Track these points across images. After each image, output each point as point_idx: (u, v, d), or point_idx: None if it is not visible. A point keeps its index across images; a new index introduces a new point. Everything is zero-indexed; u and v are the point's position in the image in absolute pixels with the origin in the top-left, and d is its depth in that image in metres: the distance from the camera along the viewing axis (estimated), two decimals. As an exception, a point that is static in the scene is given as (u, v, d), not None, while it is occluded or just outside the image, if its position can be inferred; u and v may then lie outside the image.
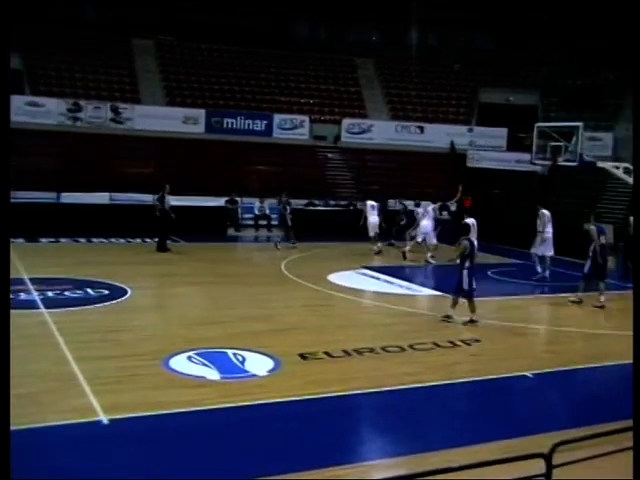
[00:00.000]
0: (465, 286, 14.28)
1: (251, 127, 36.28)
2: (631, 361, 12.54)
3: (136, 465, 7.38)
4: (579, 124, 23.80)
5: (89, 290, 15.73)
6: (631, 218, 22.75)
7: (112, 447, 7.78)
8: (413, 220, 24.25)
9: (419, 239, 23.36)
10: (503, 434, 8.57)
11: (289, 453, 7.92)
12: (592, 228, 17.25)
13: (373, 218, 23.60)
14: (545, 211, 20.65)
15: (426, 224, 23.25)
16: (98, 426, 8.22)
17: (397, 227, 25.88)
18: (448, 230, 23.21)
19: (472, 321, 14.32)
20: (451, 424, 9.24)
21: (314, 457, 7.78)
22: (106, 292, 15.66)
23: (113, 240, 24.21)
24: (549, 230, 20.34)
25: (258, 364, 10.99)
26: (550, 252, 20.30)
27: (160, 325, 13.57)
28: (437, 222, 23.90)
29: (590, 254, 17.12)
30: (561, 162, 23.40)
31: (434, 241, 23.26)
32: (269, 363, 11.04)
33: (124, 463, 7.39)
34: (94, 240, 24.15)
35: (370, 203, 23.99)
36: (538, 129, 24.57)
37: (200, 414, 8.86)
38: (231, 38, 39.78)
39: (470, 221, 16.58)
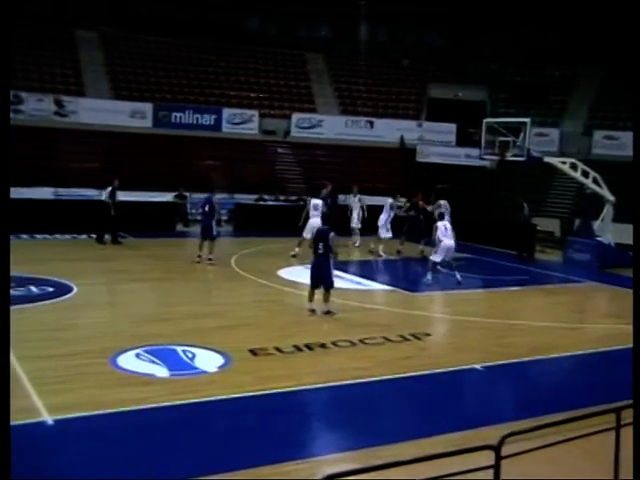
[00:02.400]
0: None
1: (200, 121, 35.96)
2: (577, 352, 12.81)
3: (82, 465, 7.24)
4: (526, 120, 24.03)
5: (32, 288, 15.33)
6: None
7: (57, 448, 7.61)
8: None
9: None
10: (453, 427, 8.62)
11: (240, 449, 7.86)
12: None
13: (314, 220, 21.75)
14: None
15: (380, 217, 23.40)
16: (42, 427, 8.04)
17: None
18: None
19: None
20: (401, 418, 9.27)
21: (265, 453, 7.74)
22: (50, 289, 15.30)
23: (58, 236, 23.76)
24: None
25: (208, 360, 10.89)
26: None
27: (107, 322, 13.33)
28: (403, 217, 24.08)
29: None
30: (509, 157, 23.61)
31: (388, 235, 23.32)
32: (219, 359, 10.95)
33: (69, 463, 7.24)
34: (37, 236, 23.66)
35: (314, 202, 22.63)
36: (486, 124, 24.74)
37: (148, 412, 8.74)
38: (179, 31, 39.34)
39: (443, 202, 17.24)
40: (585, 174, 24.17)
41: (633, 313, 8.02)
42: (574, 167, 24.33)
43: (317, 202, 22.40)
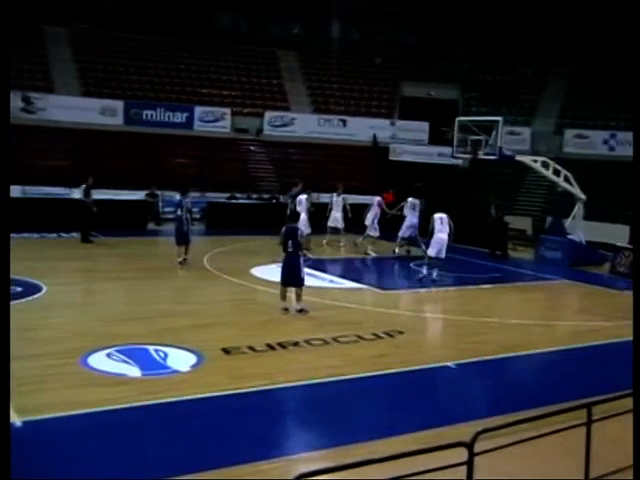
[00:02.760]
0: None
1: (171, 119, 35.72)
2: (549, 349, 12.90)
3: (52, 467, 7.15)
4: (498, 119, 24.13)
5: (-1, 287, 15.10)
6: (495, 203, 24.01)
7: (25, 450, 7.50)
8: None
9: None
10: (426, 424, 8.64)
11: (213, 449, 7.82)
12: None
13: (302, 216, 22.48)
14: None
15: (367, 216, 23.71)
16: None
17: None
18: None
19: None
20: (375, 416, 9.27)
21: (238, 452, 7.71)
22: (19, 289, 15.00)
23: (26, 235, 23.39)
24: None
25: (180, 360, 10.83)
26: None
27: (78, 322, 13.17)
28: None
29: None
30: (481, 156, 23.69)
31: (376, 234, 23.37)
32: (192, 358, 10.89)
33: (38, 465, 7.14)
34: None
35: (299, 198, 23.34)
36: (459, 123, 24.81)
37: (120, 412, 8.66)
38: (150, 27, 39.02)
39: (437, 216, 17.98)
40: (556, 172, 24.34)
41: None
42: (545, 165, 24.49)
43: (301, 198, 23.06)
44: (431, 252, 18.86)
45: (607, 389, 8.53)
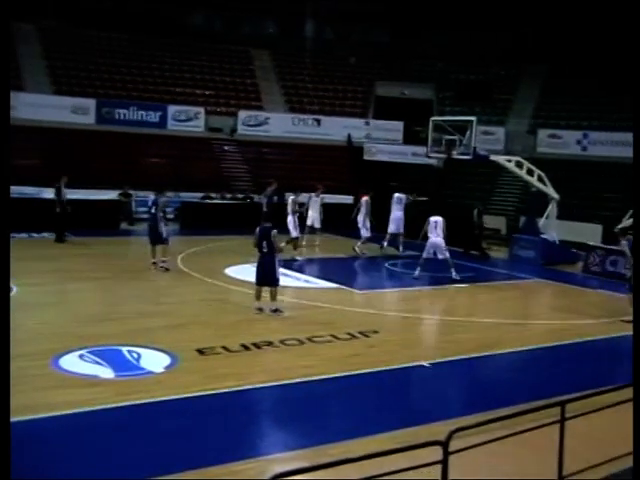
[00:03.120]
0: None
1: (144, 118, 35.49)
2: (523, 348, 12.98)
3: (22, 470, 7.04)
4: (472, 118, 24.24)
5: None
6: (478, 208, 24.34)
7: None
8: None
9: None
10: (401, 423, 8.65)
11: (188, 450, 7.76)
12: None
13: (288, 217, 22.27)
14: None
15: (358, 218, 23.66)
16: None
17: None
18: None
19: None
20: (350, 415, 9.25)
21: (213, 453, 7.67)
22: (-12, 290, 14.85)
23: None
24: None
25: (154, 361, 10.76)
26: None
27: (48, 323, 13.01)
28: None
29: None
30: (456, 155, 23.77)
31: (368, 234, 23.32)
32: (165, 359, 10.82)
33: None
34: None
35: (291, 198, 22.87)
36: (433, 123, 24.88)
37: (93, 414, 8.57)
38: (123, 25, 38.71)
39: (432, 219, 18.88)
40: (530, 172, 24.49)
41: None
42: (519, 165, 24.64)
43: (292, 197, 22.75)
44: (424, 254, 19.32)
45: (580, 387, 8.60)
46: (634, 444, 6.37)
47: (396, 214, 23.50)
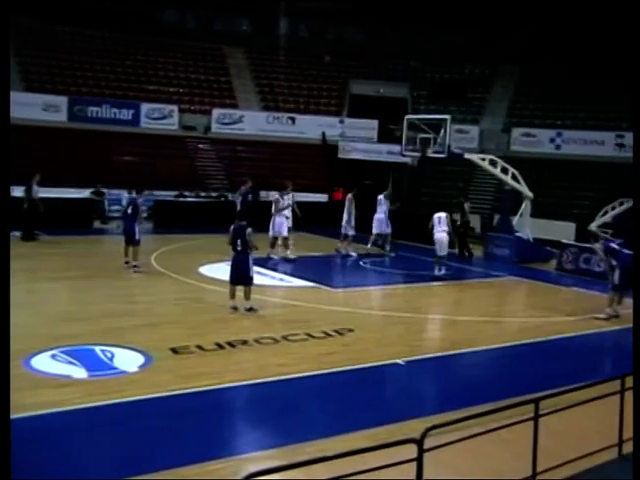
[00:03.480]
0: None
1: (117, 116, 35.16)
2: (497, 345, 13.04)
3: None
4: (447, 117, 24.32)
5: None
6: (466, 205, 24.21)
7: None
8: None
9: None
10: (376, 422, 8.64)
11: (162, 450, 7.73)
12: None
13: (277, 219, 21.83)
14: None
15: (343, 216, 23.50)
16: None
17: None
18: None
19: None
20: (325, 414, 9.24)
21: (188, 453, 7.61)
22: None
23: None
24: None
25: (128, 360, 10.68)
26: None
27: (19, 323, 12.64)
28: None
29: None
30: (430, 154, 23.84)
31: (352, 232, 23.20)
32: (139, 359, 10.75)
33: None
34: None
35: (275, 197, 22.51)
36: (408, 121, 24.93)
37: (66, 414, 8.49)
38: (95, 21, 38.34)
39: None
40: (504, 170, 24.61)
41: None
42: (493, 164, 24.76)
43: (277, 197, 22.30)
44: (438, 251, 19.70)
45: (554, 384, 8.63)
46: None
47: (378, 216, 23.44)
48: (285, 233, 21.36)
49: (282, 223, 21.31)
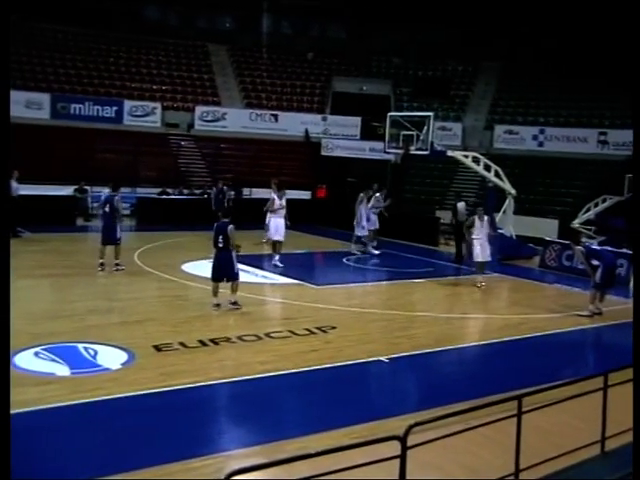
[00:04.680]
0: None
1: (100, 113, 35.07)
2: (480, 342, 13.08)
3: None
4: (430, 114, 24.35)
5: None
6: (459, 204, 23.99)
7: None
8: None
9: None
10: (359, 419, 8.63)
11: (145, 447, 7.70)
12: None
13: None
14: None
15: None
16: None
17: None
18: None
19: None
20: (308, 411, 9.23)
21: (171, 450, 7.58)
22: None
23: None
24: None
25: (111, 357, 10.64)
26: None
27: (3, 320, 12.78)
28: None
29: None
30: (413, 151, 23.87)
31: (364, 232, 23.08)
32: (122, 356, 10.71)
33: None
34: None
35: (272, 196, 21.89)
36: (391, 118, 24.94)
37: (50, 412, 8.44)
38: (77, 19, 38.15)
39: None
40: (487, 168, 24.69)
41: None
42: (476, 161, 24.82)
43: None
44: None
45: (537, 381, 8.66)
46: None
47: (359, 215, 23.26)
48: (283, 236, 20.19)
49: (281, 225, 20.06)
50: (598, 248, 16.11)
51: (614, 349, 13.29)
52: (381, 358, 11.43)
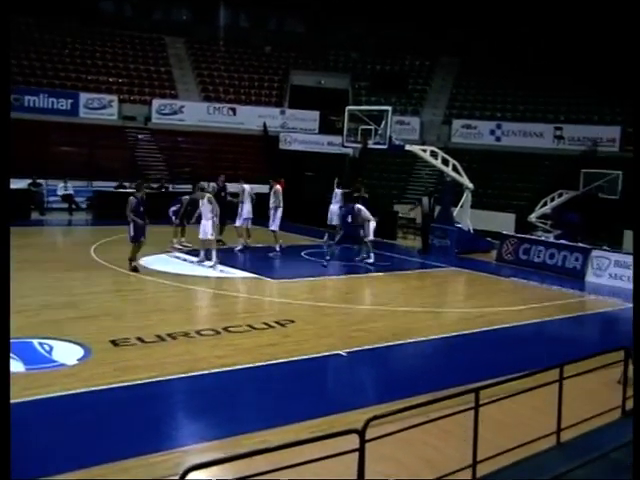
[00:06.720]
0: None
1: (55, 106, 34.50)
2: (437, 335, 13.16)
3: None
4: (388, 108, 24.37)
5: None
6: (424, 199, 24.12)
7: None
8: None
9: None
10: (318, 413, 8.64)
11: (101, 443, 7.61)
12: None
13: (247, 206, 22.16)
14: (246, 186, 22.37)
15: (331, 209, 23.47)
16: None
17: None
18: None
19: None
20: (266, 405, 9.20)
21: (128, 445, 7.52)
22: None
23: None
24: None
25: (67, 353, 10.51)
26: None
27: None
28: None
29: None
30: (371, 145, 23.89)
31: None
32: (79, 351, 10.58)
33: None
34: None
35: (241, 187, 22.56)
36: (349, 112, 24.92)
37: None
38: (31, 9, 37.43)
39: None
40: (445, 162, 24.80)
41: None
42: (434, 155, 24.94)
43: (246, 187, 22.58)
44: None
45: (493, 373, 8.75)
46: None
47: (333, 207, 23.34)
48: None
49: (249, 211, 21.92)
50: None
51: (569, 341, 13.50)
52: (339, 352, 11.44)
